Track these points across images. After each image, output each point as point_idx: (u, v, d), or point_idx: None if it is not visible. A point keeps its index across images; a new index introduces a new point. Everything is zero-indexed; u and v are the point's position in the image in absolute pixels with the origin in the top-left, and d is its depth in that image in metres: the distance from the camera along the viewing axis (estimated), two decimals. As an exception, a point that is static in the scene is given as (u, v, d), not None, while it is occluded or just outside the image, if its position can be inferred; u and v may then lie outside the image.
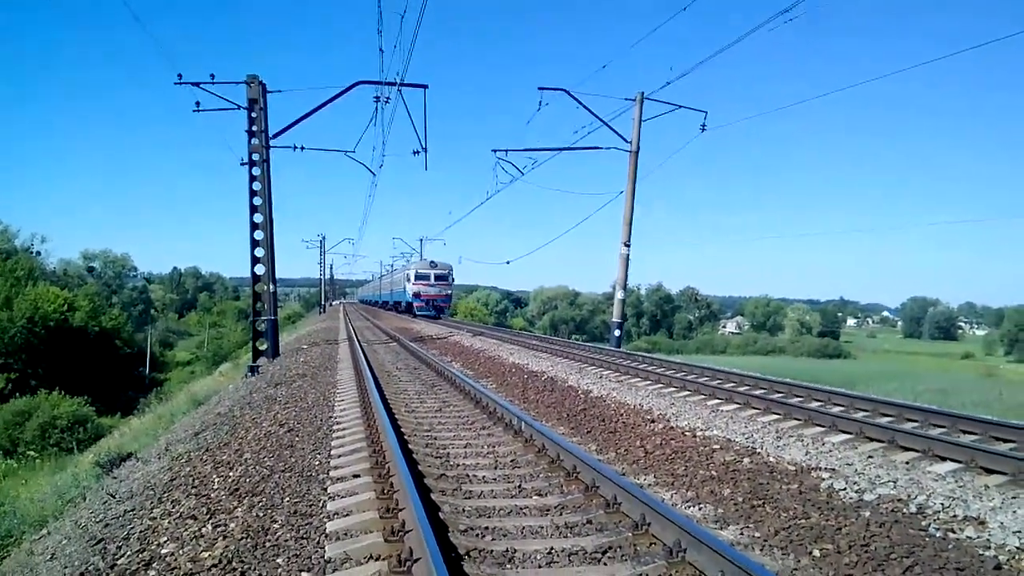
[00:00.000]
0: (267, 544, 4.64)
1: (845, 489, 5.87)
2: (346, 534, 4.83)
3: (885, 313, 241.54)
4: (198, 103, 20.69)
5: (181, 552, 4.67)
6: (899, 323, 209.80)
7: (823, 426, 8.66)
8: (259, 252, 21.17)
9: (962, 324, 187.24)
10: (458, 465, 7.00)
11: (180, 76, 20.45)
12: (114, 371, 61.41)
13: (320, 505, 5.51)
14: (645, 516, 4.99)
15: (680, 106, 26.97)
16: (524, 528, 5.07)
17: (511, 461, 7.11)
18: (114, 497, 7.87)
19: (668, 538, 4.69)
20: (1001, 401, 28.99)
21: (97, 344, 61.29)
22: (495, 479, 6.46)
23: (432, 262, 46.60)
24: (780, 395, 11.69)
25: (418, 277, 44.98)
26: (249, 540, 4.72)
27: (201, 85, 20.49)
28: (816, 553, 4.61)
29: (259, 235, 21.11)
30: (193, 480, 7.08)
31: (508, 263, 74.89)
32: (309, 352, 21.69)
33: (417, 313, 45.05)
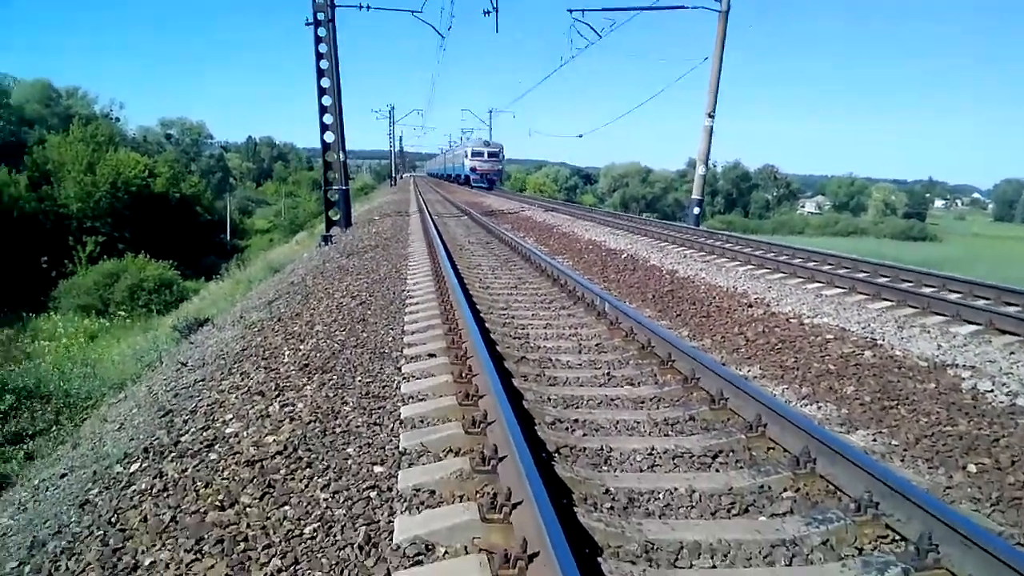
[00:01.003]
0: (336, 430, 4.22)
1: (993, 391, 5.06)
2: (422, 421, 4.37)
3: (976, 195, 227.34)
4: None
5: (245, 434, 4.31)
6: (990, 206, 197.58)
7: (945, 315, 7.72)
8: (328, 119, 20.53)
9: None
10: (539, 348, 6.46)
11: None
12: (196, 237, 63.34)
13: (394, 387, 5.07)
14: (761, 416, 4.34)
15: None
16: (618, 423, 4.51)
17: (596, 345, 6.52)
18: (186, 365, 7.72)
19: (790, 444, 4.05)
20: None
21: (178, 210, 62.97)
22: (580, 364, 5.90)
23: (485, 141, 54.48)
24: (886, 279, 10.66)
25: (474, 154, 52.40)
26: (317, 424, 4.31)
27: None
28: (971, 468, 3.90)
29: (327, 101, 20.40)
30: (263, 352, 6.78)
31: (580, 136, 72.73)
32: (381, 223, 21.40)
33: (473, 184, 51.30)
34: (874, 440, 4.37)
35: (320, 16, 19.78)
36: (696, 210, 26.12)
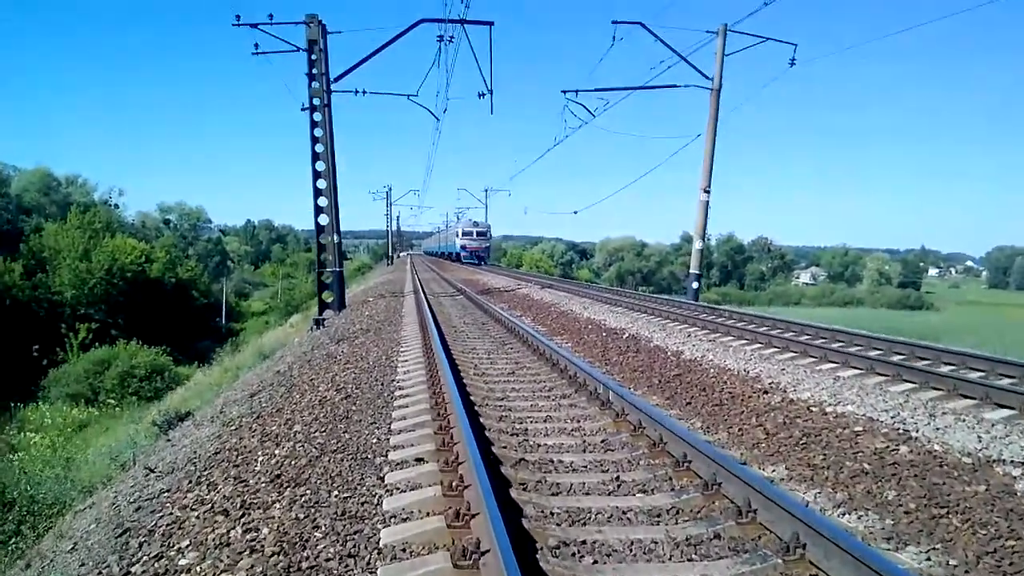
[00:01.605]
0: (303, 566, 3.59)
1: (1053, 495, 4.47)
2: (404, 550, 3.75)
3: (969, 263, 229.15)
4: (256, 45, 19.82)
5: (199, 569, 3.68)
6: (983, 273, 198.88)
7: (974, 398, 7.16)
8: (322, 201, 20.42)
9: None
10: (539, 447, 5.85)
11: (238, 17, 19.58)
12: (191, 321, 62.86)
13: (375, 503, 4.46)
14: (799, 535, 3.73)
15: (767, 38, 24.66)
16: (633, 545, 3.89)
17: (602, 442, 5.92)
18: (154, 472, 7.08)
19: (835, 568, 3.44)
20: None
21: (174, 295, 62.75)
22: (585, 467, 5.29)
23: (475, 222, 60.10)
24: (902, 356, 10.15)
25: (464, 234, 57.47)
26: (281, 558, 3.69)
27: (259, 26, 19.60)
28: (1055, 601, 3.28)
29: (322, 184, 20.34)
30: (236, 456, 6.17)
31: (576, 213, 73.55)
32: (375, 305, 20.94)
33: (464, 261, 56.04)
34: (928, 560, 3.75)
35: (316, 101, 19.91)
36: (695, 284, 25.80)
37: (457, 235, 58.90)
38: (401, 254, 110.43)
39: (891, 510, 4.37)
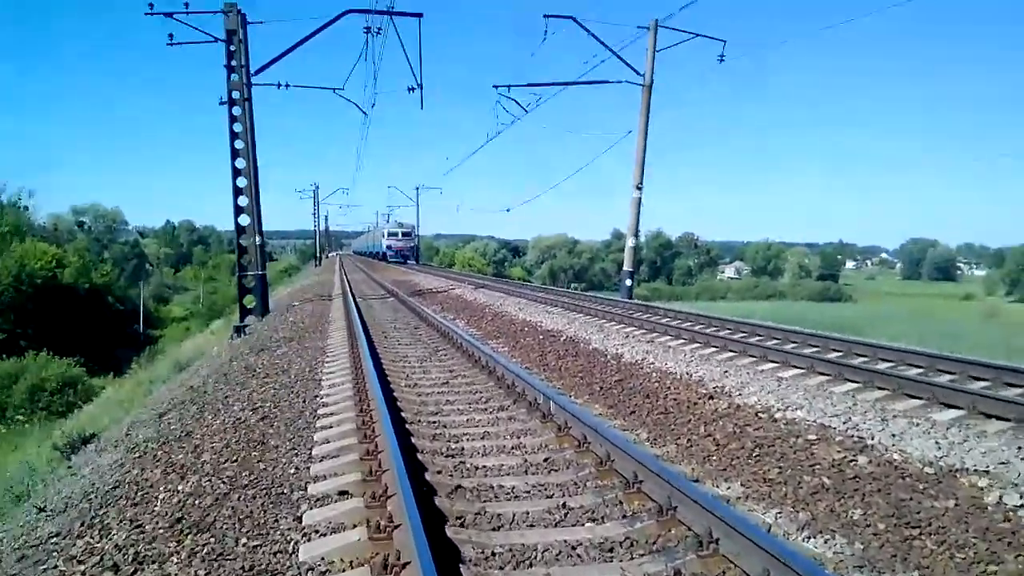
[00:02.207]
0: (196, 644, 3.00)
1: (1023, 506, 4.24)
2: (322, 614, 3.19)
3: (884, 255, 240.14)
4: (171, 36, 18.66)
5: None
6: (898, 265, 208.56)
7: (921, 398, 7.03)
8: (243, 201, 19.40)
9: (960, 265, 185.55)
10: (477, 469, 5.35)
11: (151, 6, 18.36)
12: (106, 329, 59.78)
13: (289, 550, 3.87)
14: (769, 571, 3.35)
15: (697, 34, 24.79)
16: (586, 589, 3.44)
17: (545, 461, 5.46)
18: (44, 511, 6.25)
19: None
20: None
21: (88, 301, 59.51)
22: (528, 492, 4.81)
23: (399, 223, 64.35)
24: (839, 354, 10.09)
25: (390, 235, 60.79)
26: (171, 633, 3.08)
27: (174, 16, 18.43)
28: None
29: (242, 182, 19.32)
30: (136, 491, 5.45)
31: (508, 211, 73.80)
32: (300, 309, 20.03)
33: (390, 260, 58.14)
34: (908, 589, 3.43)
35: (235, 95, 18.88)
36: (628, 282, 25.76)
37: (383, 236, 61.57)
38: (330, 254, 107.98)
39: (859, 532, 4.05)
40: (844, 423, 6.07)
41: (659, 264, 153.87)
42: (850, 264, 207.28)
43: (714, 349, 10.60)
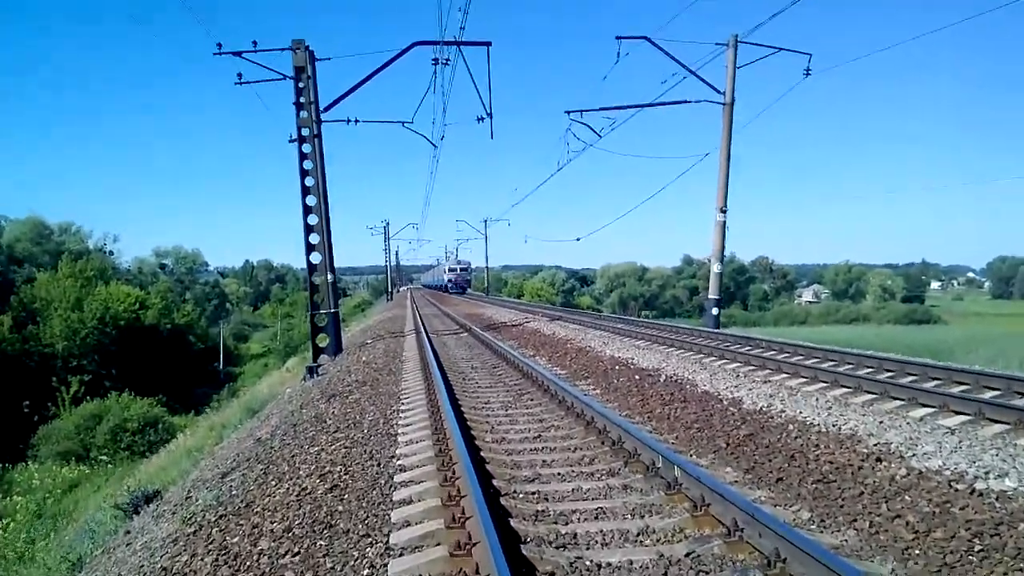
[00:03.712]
0: None
1: None
2: None
3: (970, 274, 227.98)
4: (240, 75, 18.53)
5: None
6: (986, 284, 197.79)
7: None
8: (314, 238, 18.89)
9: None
10: (600, 568, 4.11)
11: (219, 45, 18.29)
12: (188, 367, 61.01)
13: None
14: None
15: (780, 48, 23.34)
16: None
17: (689, 558, 4.18)
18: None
19: None
20: None
21: (170, 341, 60.98)
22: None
23: (458, 259, 78.10)
24: (996, 393, 8.50)
25: (450, 270, 73.73)
26: None
27: (243, 54, 18.31)
28: None
29: (313, 219, 18.83)
30: (179, 589, 4.47)
31: (579, 240, 73.75)
32: (373, 348, 19.24)
33: (449, 291, 70.27)
34: None
35: (304, 132, 18.52)
36: (715, 310, 24.14)
37: (445, 271, 75.38)
38: (401, 288, 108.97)
39: None
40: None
41: (733, 290, 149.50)
42: (935, 285, 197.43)
43: (846, 390, 9.06)
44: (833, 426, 6.86)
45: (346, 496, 5.68)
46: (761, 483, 5.62)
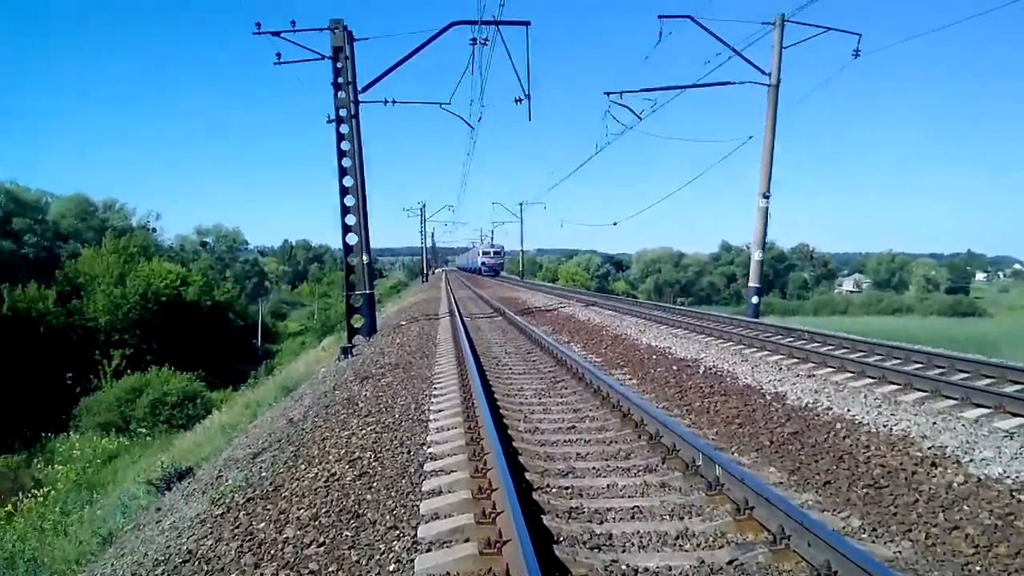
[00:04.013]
0: None
1: None
2: None
3: (1017, 266, 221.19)
4: (279, 55, 18.51)
5: None
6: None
7: None
8: (351, 219, 18.86)
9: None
10: (636, 573, 3.91)
11: (258, 25, 18.28)
12: (227, 344, 62.04)
13: None
14: None
15: (829, 28, 22.52)
16: None
17: (731, 566, 3.95)
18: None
19: None
20: None
21: (210, 318, 62.03)
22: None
23: (491, 243, 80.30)
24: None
25: (483, 253, 76.19)
26: None
27: (281, 34, 18.30)
28: None
29: (350, 200, 18.80)
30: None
31: (615, 224, 72.22)
32: (407, 330, 19.20)
33: (483, 273, 72.21)
34: None
35: (343, 112, 18.44)
36: (755, 299, 23.57)
37: (479, 254, 77.90)
38: (436, 270, 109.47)
39: None
40: None
41: (772, 277, 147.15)
42: (980, 276, 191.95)
43: (895, 387, 8.68)
44: (884, 426, 6.53)
45: (375, 484, 5.55)
46: (808, 486, 5.35)
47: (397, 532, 4.52)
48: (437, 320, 21.37)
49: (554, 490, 5.35)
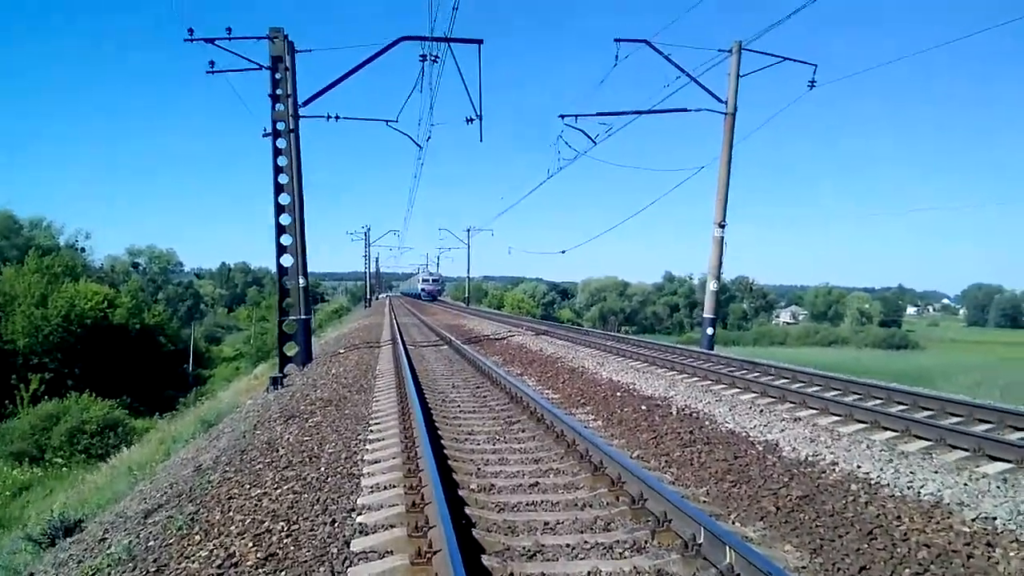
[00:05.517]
0: None
1: None
2: None
3: (945, 300, 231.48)
4: (212, 63, 17.14)
5: None
6: (961, 311, 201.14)
7: None
8: (286, 239, 17.47)
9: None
10: None
11: (191, 31, 16.91)
12: (156, 369, 58.86)
13: None
14: None
15: (785, 58, 22.33)
16: None
17: None
18: None
19: None
20: None
21: (139, 341, 58.77)
22: None
23: (430, 272, 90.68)
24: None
25: (423, 280, 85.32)
26: None
27: (216, 42, 16.98)
28: None
29: (286, 219, 17.43)
30: None
31: (563, 252, 71.42)
32: (345, 359, 17.72)
33: (423, 298, 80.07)
34: None
35: (280, 126, 17.11)
36: (709, 330, 22.95)
37: (420, 281, 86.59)
38: (380, 295, 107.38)
39: None
40: None
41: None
42: (911, 310, 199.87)
43: (893, 433, 7.73)
44: (908, 488, 5.50)
45: (282, 574, 4.21)
46: (810, 547, 4.24)
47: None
48: (379, 348, 19.93)
49: (516, 564, 4.11)
